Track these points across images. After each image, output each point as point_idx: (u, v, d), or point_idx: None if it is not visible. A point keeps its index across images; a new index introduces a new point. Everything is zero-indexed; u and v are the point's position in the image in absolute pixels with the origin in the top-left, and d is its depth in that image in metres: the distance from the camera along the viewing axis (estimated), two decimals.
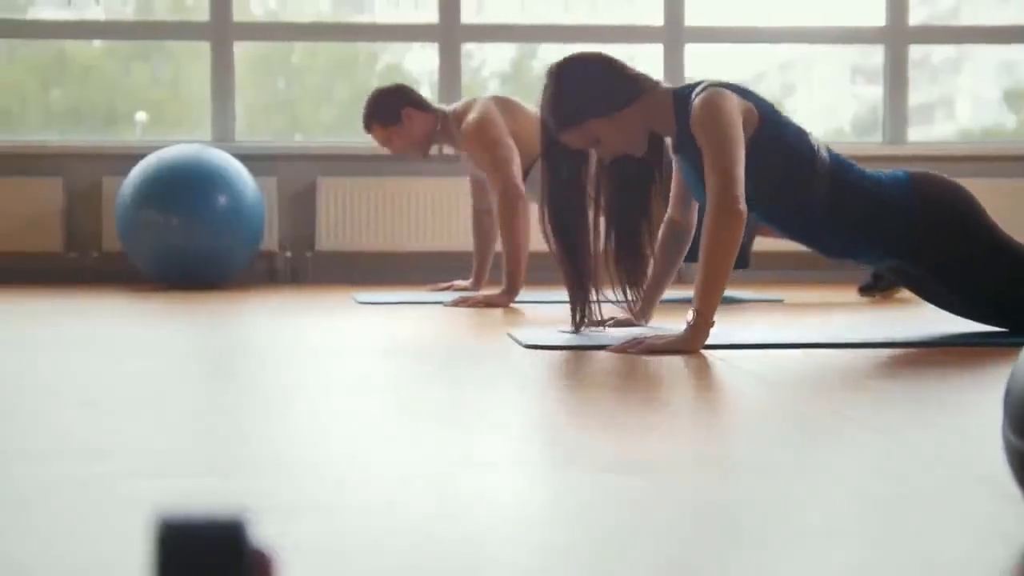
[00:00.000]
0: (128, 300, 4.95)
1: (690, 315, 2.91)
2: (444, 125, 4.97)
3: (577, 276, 3.22)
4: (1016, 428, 1.19)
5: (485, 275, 5.33)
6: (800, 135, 3.13)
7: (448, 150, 5.14)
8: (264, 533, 1.20)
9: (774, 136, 3.06)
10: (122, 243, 5.80)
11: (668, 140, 3.21)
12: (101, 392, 2.34)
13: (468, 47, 6.87)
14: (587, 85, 3.13)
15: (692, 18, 6.61)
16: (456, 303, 4.54)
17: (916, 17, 6.75)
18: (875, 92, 6.78)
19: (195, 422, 2.04)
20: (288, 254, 6.37)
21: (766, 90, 8.48)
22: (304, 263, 6.41)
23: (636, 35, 6.79)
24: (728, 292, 5.25)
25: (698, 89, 3.09)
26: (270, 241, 6.30)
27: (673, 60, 6.60)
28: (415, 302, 4.76)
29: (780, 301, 4.90)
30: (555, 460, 1.71)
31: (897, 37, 6.69)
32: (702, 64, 7.17)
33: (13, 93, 7.24)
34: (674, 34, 6.61)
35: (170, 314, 4.28)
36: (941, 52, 8.17)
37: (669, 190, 3.34)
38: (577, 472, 1.59)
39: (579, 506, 1.41)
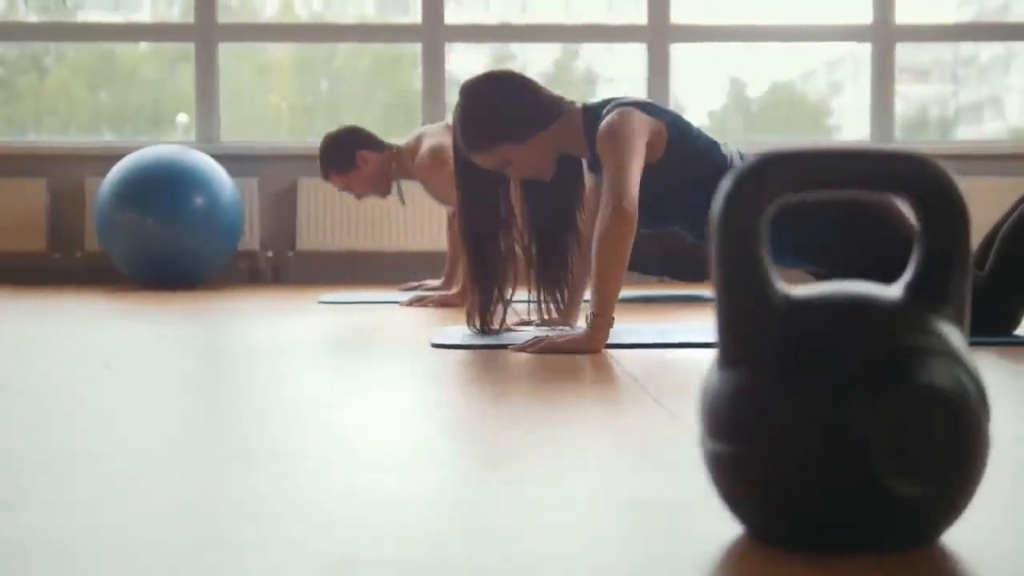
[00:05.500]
0: (106, 301, 4.99)
1: (588, 315, 2.91)
2: (399, 161, 5.00)
3: (484, 282, 3.22)
4: (710, 431, 1.20)
5: (456, 276, 5.34)
6: (712, 146, 3.14)
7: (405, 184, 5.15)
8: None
9: (685, 150, 3.06)
10: (101, 244, 5.86)
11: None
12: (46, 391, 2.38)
13: (513, 48, 6.94)
14: (501, 109, 3.11)
15: (677, 16, 6.60)
16: (411, 302, 4.58)
17: (964, 14, 6.65)
18: (923, 91, 6.71)
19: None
20: (269, 254, 6.42)
21: (812, 89, 8.40)
22: (286, 263, 6.45)
23: (619, 34, 6.79)
24: (695, 292, 5.26)
25: (607, 108, 3.09)
26: (252, 241, 6.35)
27: (657, 59, 6.59)
28: (375, 301, 4.80)
29: None
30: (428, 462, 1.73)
31: (883, 35, 6.65)
32: (746, 63, 7.14)
33: (60, 95, 7.36)
34: (658, 33, 6.59)
35: (130, 315, 4.32)
36: (989, 50, 8.09)
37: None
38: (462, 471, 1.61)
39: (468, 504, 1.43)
